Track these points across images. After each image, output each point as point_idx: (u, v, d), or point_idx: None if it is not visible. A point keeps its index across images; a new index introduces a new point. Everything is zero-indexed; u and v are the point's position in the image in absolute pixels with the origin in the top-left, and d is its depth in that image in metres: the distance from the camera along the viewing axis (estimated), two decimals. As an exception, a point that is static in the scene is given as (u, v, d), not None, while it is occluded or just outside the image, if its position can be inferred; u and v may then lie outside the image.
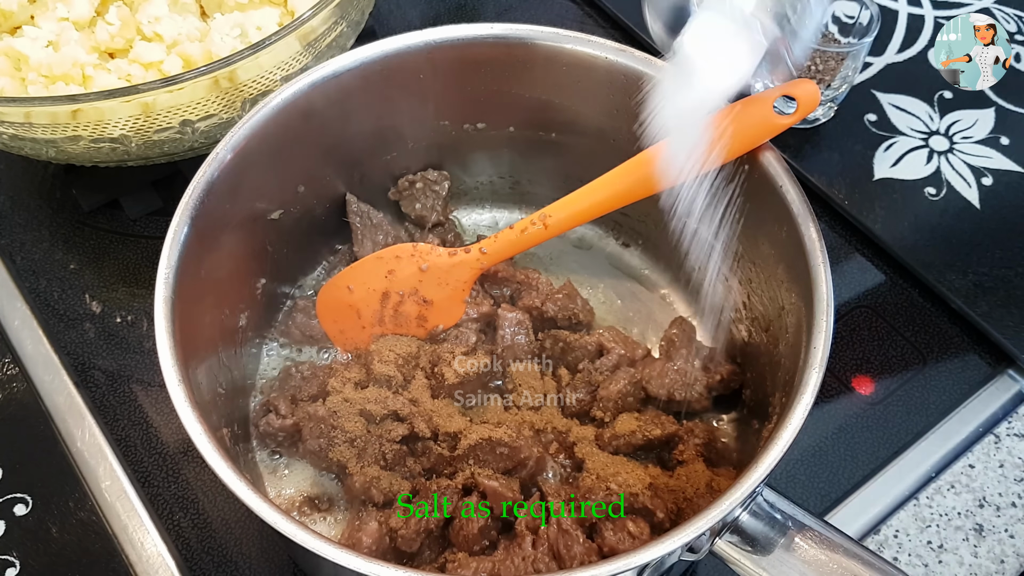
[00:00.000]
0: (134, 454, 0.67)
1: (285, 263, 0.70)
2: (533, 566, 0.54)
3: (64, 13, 0.74)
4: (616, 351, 0.66)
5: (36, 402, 0.69)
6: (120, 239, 0.80)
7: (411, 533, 0.57)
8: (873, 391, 0.71)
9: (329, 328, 0.69)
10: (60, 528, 0.63)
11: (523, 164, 0.75)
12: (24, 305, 0.75)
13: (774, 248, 0.60)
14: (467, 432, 0.60)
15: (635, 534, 0.55)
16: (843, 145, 0.84)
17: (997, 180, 0.82)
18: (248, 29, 0.75)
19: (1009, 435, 0.70)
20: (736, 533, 0.49)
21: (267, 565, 0.63)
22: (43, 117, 0.65)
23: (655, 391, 0.64)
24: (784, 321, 0.59)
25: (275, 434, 0.63)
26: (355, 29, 0.78)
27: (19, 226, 0.81)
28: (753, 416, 0.63)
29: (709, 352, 0.67)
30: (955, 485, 0.67)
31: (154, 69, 0.74)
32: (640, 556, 0.44)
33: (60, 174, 0.83)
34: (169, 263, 0.54)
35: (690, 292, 0.73)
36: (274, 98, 0.61)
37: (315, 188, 0.69)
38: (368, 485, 0.59)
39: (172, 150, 0.72)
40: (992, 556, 0.64)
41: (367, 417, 0.61)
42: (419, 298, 0.68)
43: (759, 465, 0.47)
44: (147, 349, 0.73)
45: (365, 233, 0.71)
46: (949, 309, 0.75)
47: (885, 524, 0.66)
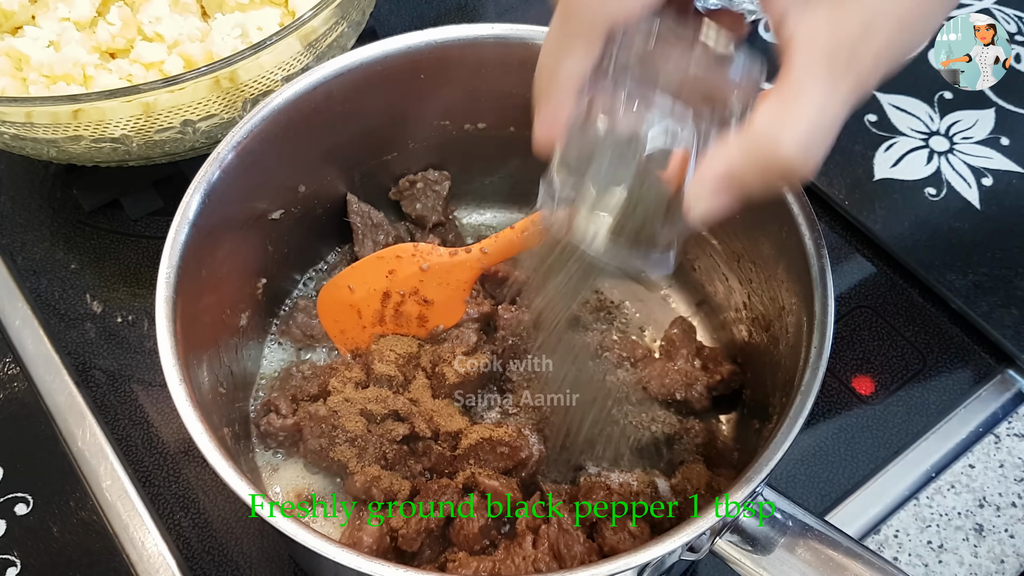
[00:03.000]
0: (135, 454, 0.67)
1: (286, 263, 0.70)
2: (533, 566, 0.54)
3: (65, 13, 0.74)
4: (616, 351, 0.66)
5: (37, 402, 0.69)
6: (121, 239, 0.80)
7: (411, 533, 0.57)
8: (873, 391, 0.71)
9: (330, 328, 0.69)
10: (61, 528, 0.63)
11: (523, 164, 0.75)
12: (25, 305, 0.75)
13: (774, 248, 0.60)
14: (467, 432, 0.60)
15: (635, 534, 0.56)
16: (843, 145, 0.84)
17: (997, 180, 0.82)
18: (249, 29, 0.75)
19: (1009, 435, 0.70)
20: (736, 533, 0.49)
21: (267, 565, 0.63)
22: (44, 117, 0.65)
23: (655, 391, 0.64)
24: (784, 321, 0.59)
25: (276, 434, 0.63)
26: (356, 29, 0.78)
27: (20, 226, 0.81)
28: (753, 416, 0.63)
29: (709, 352, 0.67)
30: (955, 485, 0.67)
31: (155, 69, 0.74)
32: (640, 556, 0.44)
33: (61, 174, 0.83)
34: (170, 263, 0.55)
35: (690, 292, 0.73)
36: (275, 98, 0.61)
37: (316, 188, 0.69)
38: (368, 485, 0.59)
39: (173, 150, 0.72)
40: (992, 556, 0.64)
41: (368, 417, 0.61)
42: (420, 298, 0.68)
43: (759, 465, 0.47)
44: (148, 349, 0.73)
45: (366, 233, 0.71)
46: (949, 309, 0.75)
47: (885, 524, 0.66)
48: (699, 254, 0.70)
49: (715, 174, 0.41)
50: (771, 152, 0.38)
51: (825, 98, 0.38)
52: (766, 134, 0.38)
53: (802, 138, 0.38)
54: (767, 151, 0.38)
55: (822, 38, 0.38)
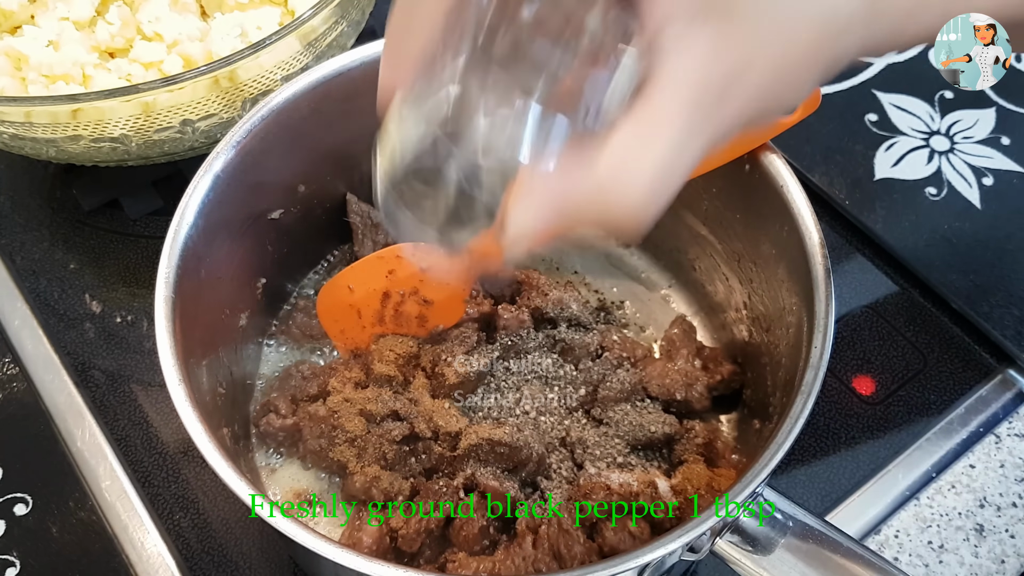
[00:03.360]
0: (134, 454, 0.67)
1: (285, 263, 0.70)
2: (533, 566, 0.54)
3: (64, 13, 0.74)
4: (616, 351, 0.66)
5: (36, 402, 0.69)
6: (120, 239, 0.79)
7: (411, 533, 0.57)
8: (873, 391, 0.71)
9: (329, 328, 0.69)
10: (60, 528, 0.63)
11: (523, 164, 0.75)
12: (24, 305, 0.75)
13: (775, 248, 0.60)
14: (467, 432, 0.60)
15: (635, 534, 0.55)
16: (843, 145, 0.84)
17: (998, 180, 0.82)
18: (248, 29, 0.75)
19: (1010, 435, 0.70)
20: (737, 533, 0.49)
21: (267, 565, 0.63)
22: (43, 117, 0.65)
23: (656, 391, 0.64)
24: (785, 321, 0.59)
25: (275, 434, 0.63)
26: (356, 29, 0.78)
27: (19, 226, 0.81)
28: (753, 416, 0.63)
29: (710, 352, 0.67)
30: (956, 485, 0.67)
31: (154, 69, 0.73)
32: (640, 556, 0.44)
33: (60, 174, 0.83)
34: (169, 263, 0.54)
35: (691, 291, 0.73)
36: (274, 98, 0.61)
37: (315, 188, 0.69)
38: (368, 485, 0.59)
39: (172, 150, 0.72)
40: (993, 556, 0.64)
41: (367, 417, 0.61)
42: (420, 298, 0.67)
43: (760, 465, 0.47)
44: (147, 349, 0.73)
45: (366, 233, 0.71)
46: (950, 309, 0.75)
47: (886, 524, 0.66)
48: (699, 254, 0.70)
49: (545, 199, 0.36)
50: (614, 192, 0.34)
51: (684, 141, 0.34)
52: (613, 171, 0.34)
53: (648, 184, 0.34)
54: (609, 190, 0.34)
55: (698, 71, 0.33)
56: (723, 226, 0.66)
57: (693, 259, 0.71)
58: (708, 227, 0.68)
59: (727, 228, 0.66)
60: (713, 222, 0.67)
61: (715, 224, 0.67)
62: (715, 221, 0.67)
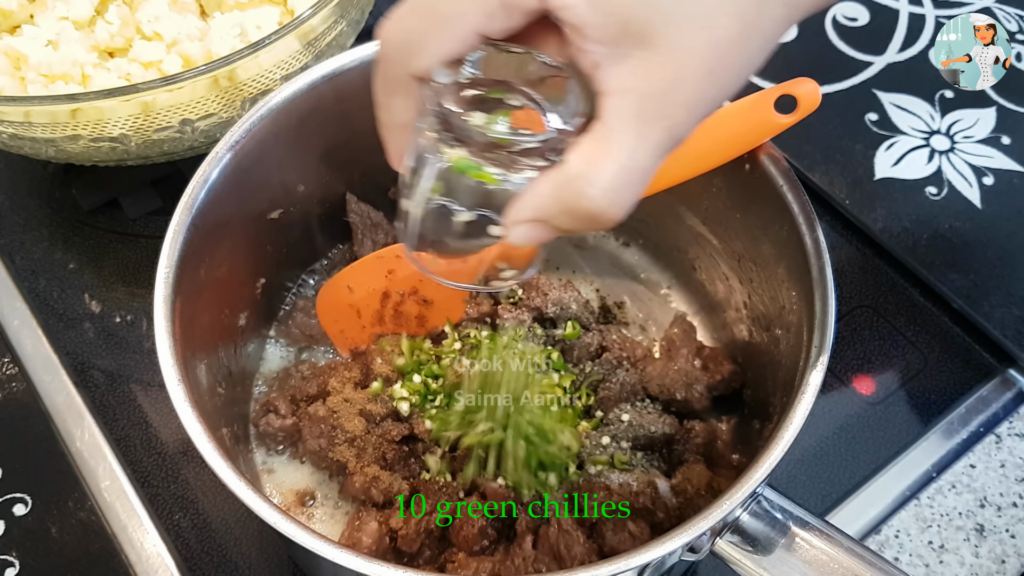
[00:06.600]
0: (134, 454, 0.67)
1: (285, 262, 0.70)
2: (533, 566, 0.54)
3: (64, 12, 0.74)
4: (616, 350, 0.66)
5: (35, 402, 0.69)
6: (120, 239, 0.79)
7: (411, 533, 0.56)
8: (874, 391, 0.71)
9: (329, 328, 0.69)
10: (59, 528, 0.63)
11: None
12: (23, 305, 0.75)
13: (775, 248, 0.60)
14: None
15: (635, 534, 0.55)
16: (843, 145, 0.84)
17: (998, 180, 0.82)
18: (248, 28, 0.75)
19: (1010, 435, 0.69)
20: (737, 533, 0.49)
21: (267, 565, 0.63)
22: (42, 116, 0.65)
23: (656, 391, 0.64)
24: (785, 321, 0.59)
25: (275, 434, 0.63)
26: (355, 28, 0.78)
27: (18, 226, 0.80)
28: (753, 416, 0.63)
29: (710, 352, 0.67)
30: (956, 485, 0.67)
31: (153, 68, 0.73)
32: (640, 556, 0.44)
33: (59, 173, 0.83)
34: (169, 262, 0.54)
35: (691, 291, 0.73)
36: (274, 97, 0.61)
37: (315, 187, 0.69)
38: (368, 485, 0.58)
39: (172, 149, 0.72)
40: (993, 556, 0.64)
41: (367, 417, 0.61)
42: (419, 298, 0.67)
43: (760, 465, 0.47)
44: (147, 349, 0.73)
45: (365, 232, 0.71)
46: (950, 309, 0.75)
47: (886, 524, 0.66)
48: (700, 253, 0.70)
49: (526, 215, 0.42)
50: (579, 195, 0.39)
51: (635, 145, 0.38)
52: (575, 178, 0.39)
53: (609, 184, 0.39)
54: (575, 194, 0.39)
55: (632, 92, 0.38)
56: (723, 226, 0.66)
57: (693, 259, 0.71)
58: (708, 227, 0.68)
59: (727, 228, 0.66)
60: (713, 222, 0.67)
61: (715, 224, 0.67)
62: (715, 221, 0.67)
